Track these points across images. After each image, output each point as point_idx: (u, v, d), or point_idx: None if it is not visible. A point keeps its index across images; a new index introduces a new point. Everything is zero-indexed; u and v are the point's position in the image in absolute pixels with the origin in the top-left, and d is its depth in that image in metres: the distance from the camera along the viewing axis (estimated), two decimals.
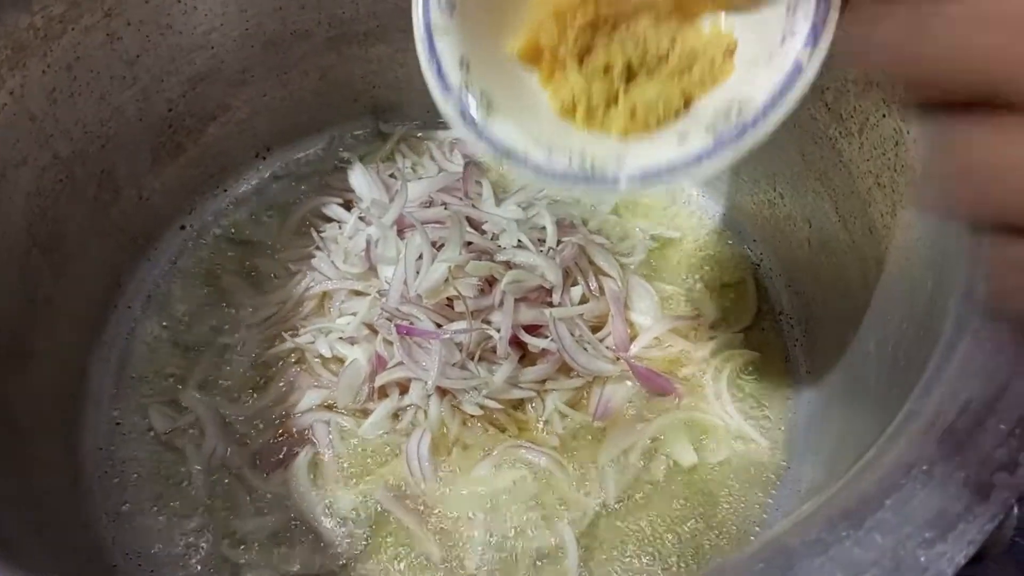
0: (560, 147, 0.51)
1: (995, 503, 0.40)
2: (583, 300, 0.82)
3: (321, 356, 0.83)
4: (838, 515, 0.40)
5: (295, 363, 0.84)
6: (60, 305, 0.79)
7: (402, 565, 0.73)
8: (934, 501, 0.40)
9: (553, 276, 0.80)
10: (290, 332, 0.85)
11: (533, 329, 0.80)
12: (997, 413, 0.43)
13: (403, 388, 0.80)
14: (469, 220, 0.84)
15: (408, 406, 0.79)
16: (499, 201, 0.88)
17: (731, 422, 0.79)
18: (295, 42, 0.90)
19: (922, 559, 0.38)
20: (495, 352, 0.79)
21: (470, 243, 0.81)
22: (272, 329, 0.86)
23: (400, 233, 0.84)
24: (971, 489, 0.40)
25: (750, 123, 0.47)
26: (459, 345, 0.78)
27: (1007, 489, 0.40)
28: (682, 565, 0.73)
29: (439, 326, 0.79)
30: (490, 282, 0.80)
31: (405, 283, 0.80)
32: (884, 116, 0.66)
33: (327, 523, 0.75)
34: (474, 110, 0.51)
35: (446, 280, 0.79)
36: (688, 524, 0.75)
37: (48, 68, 0.73)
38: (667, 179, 0.49)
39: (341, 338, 0.83)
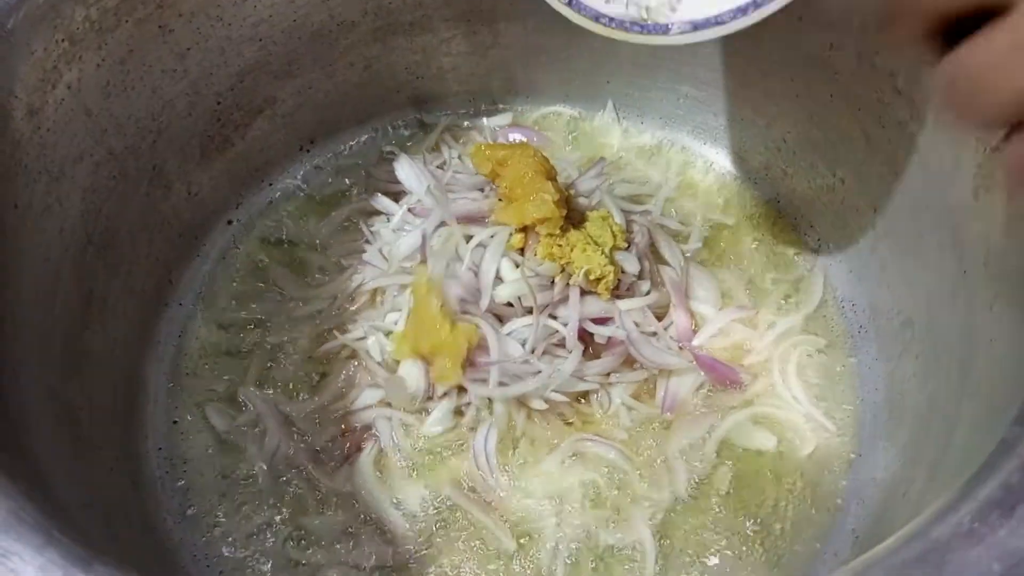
0: None
1: None
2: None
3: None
4: (986, 505, 0.40)
5: (349, 358, 0.83)
6: (114, 304, 0.78)
7: (474, 559, 0.72)
8: None
9: (631, 267, 0.79)
10: (341, 328, 0.84)
11: (598, 321, 0.79)
12: None
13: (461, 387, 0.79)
14: None
15: (469, 403, 0.78)
16: None
17: (800, 409, 0.78)
18: (341, 33, 0.89)
19: None
20: (558, 346, 0.78)
21: None
22: (324, 324, 0.85)
23: None
24: None
25: None
26: (523, 342, 0.77)
27: None
28: (759, 557, 0.72)
29: (501, 321, 0.78)
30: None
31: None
32: None
33: (396, 518, 0.74)
34: None
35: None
36: (762, 513, 0.74)
37: (103, 62, 0.72)
38: (715, 29, 0.55)
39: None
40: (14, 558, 0.41)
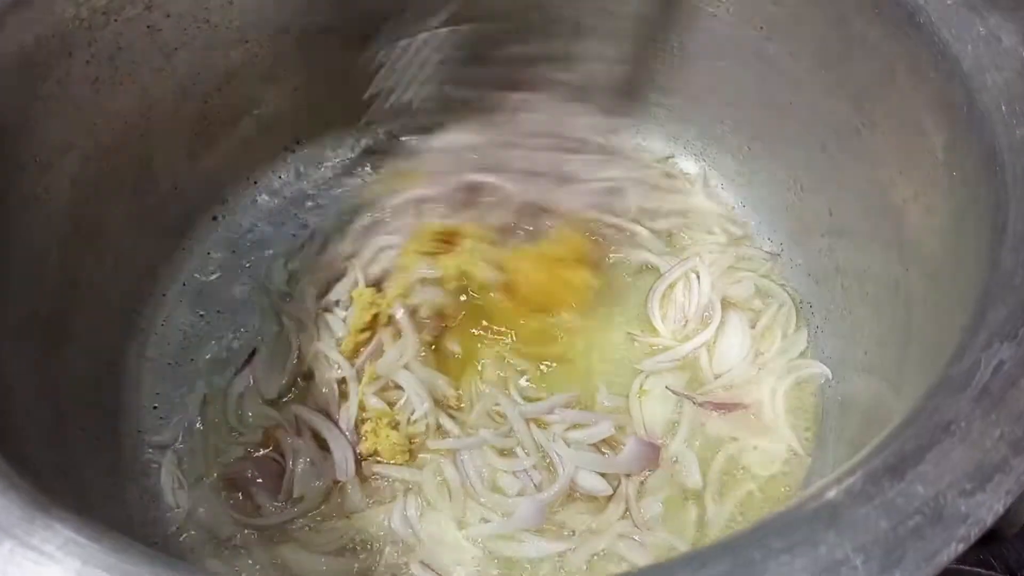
0: None
1: None
2: None
3: None
4: (880, 469, 0.42)
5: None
6: (100, 291, 0.81)
7: None
8: (972, 455, 0.42)
9: None
10: None
11: None
12: None
13: None
14: None
15: None
16: None
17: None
18: (324, 37, 0.92)
19: (962, 508, 0.40)
20: None
21: None
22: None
23: None
24: (1007, 443, 0.42)
25: None
26: None
27: None
28: None
29: None
30: None
31: None
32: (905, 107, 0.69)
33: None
34: None
35: None
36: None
37: (92, 58, 0.76)
38: None
39: None
40: None
